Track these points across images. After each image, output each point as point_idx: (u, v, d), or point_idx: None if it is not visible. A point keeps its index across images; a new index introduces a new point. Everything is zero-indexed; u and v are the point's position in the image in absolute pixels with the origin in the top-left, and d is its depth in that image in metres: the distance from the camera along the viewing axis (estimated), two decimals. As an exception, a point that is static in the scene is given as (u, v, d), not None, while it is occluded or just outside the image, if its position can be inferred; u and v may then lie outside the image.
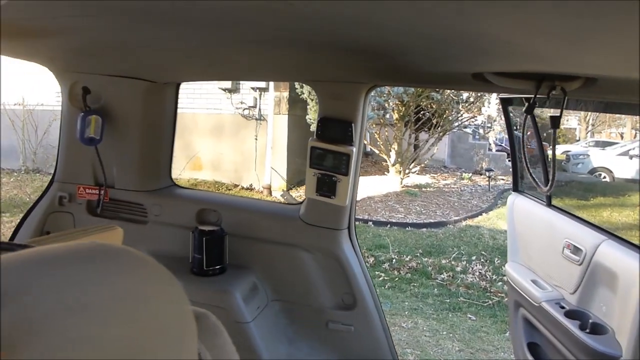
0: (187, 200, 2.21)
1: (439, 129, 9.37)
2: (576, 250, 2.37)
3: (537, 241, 2.75)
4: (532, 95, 1.45)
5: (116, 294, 0.45)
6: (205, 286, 1.98)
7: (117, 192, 2.23)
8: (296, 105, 9.03)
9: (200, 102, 9.88)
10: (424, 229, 7.48)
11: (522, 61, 1.35)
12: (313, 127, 8.65)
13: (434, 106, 8.87)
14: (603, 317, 2.21)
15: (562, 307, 2.38)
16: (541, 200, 2.88)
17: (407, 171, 9.38)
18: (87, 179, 2.24)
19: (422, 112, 9.19)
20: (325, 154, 1.84)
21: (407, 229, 7.44)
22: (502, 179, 11.33)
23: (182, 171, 9.73)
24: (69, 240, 0.71)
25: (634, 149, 14.15)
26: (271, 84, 8.96)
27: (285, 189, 9.04)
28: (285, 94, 8.93)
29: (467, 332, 4.63)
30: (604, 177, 15.28)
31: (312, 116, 8.53)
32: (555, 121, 1.43)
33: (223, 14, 1.05)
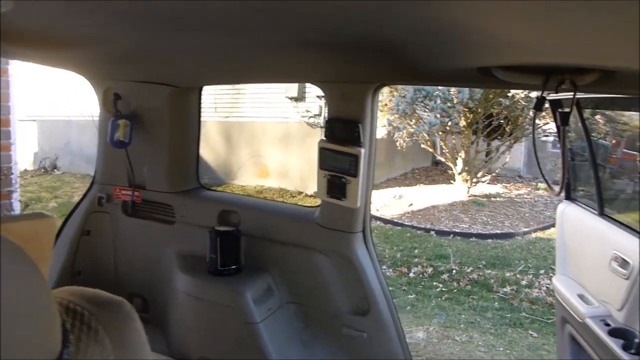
0: (210, 201, 2.27)
1: (512, 138, 8.96)
2: (624, 263, 2.18)
3: (587, 253, 2.56)
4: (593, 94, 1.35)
5: None
6: (219, 285, 2.03)
7: (149, 193, 2.33)
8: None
9: (268, 111, 10.13)
10: (489, 240, 7.15)
11: (528, 54, 1.27)
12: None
13: (504, 112, 8.49)
14: (652, 338, 2.01)
15: (607, 325, 2.20)
16: (594, 209, 2.67)
17: (474, 180, 9.03)
18: (124, 181, 2.36)
19: (493, 119, 8.83)
20: (334, 155, 1.82)
21: (471, 239, 7.16)
22: (582, 190, 10.60)
23: (243, 176, 10.03)
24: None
25: None
26: (336, 92, 9.01)
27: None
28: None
29: (526, 349, 4.36)
30: None
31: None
32: (564, 118, 1.33)
33: (238, 19, 1.09)
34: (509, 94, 7.89)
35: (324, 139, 1.85)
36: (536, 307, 5.20)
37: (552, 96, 2.74)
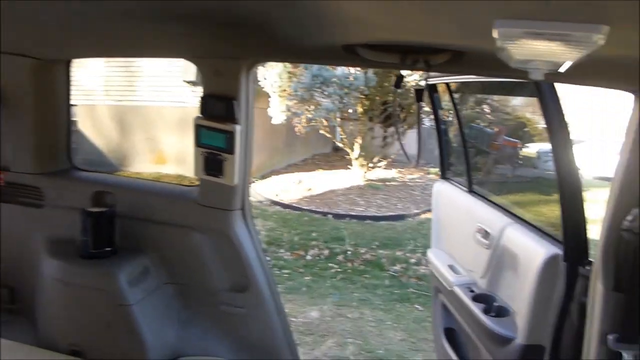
0: (83, 182, 2.16)
1: (405, 124, 9.36)
2: (486, 234, 2.38)
3: (457, 227, 2.76)
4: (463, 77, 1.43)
5: None
6: (90, 269, 1.95)
7: (13, 175, 2.17)
8: (260, 98, 8.93)
9: (165, 95, 9.76)
10: (383, 222, 7.49)
11: (386, 33, 1.33)
12: (274, 121, 8.60)
13: (398, 99, 8.84)
14: (508, 300, 2.22)
15: (472, 291, 2.39)
16: (465, 186, 2.88)
17: (371, 165, 9.37)
18: None
19: (388, 106, 9.16)
20: (209, 132, 1.81)
21: (366, 221, 7.45)
22: (481, 177, 11.38)
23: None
24: None
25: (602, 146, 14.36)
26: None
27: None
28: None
29: (412, 322, 4.64)
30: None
31: (274, 109, 8.48)
32: (419, 95, 1.43)
33: None
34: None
35: (200, 115, 1.83)
36: (422, 282, 5.53)
37: (430, 81, 2.93)
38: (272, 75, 8.30)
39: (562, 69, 1.01)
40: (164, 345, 1.98)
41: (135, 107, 9.94)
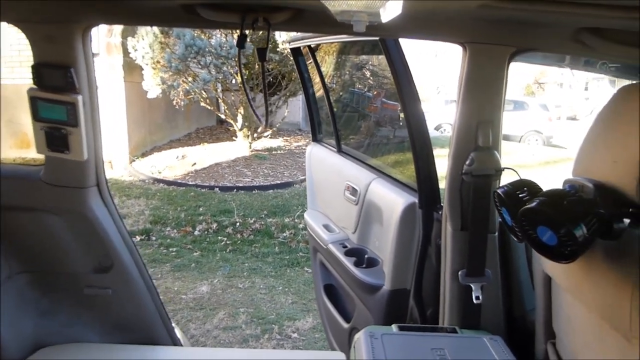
0: None
1: (287, 92, 9.38)
2: (354, 191, 2.47)
3: (329, 187, 2.84)
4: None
5: None
6: None
7: None
8: (133, 71, 8.44)
9: (23, 71, 8.85)
10: (271, 191, 7.53)
11: None
12: (150, 95, 8.18)
13: (278, 68, 8.80)
14: (377, 251, 2.34)
15: (345, 247, 2.48)
16: (334, 147, 2.96)
17: (256, 135, 9.31)
18: None
19: (268, 74, 9.08)
20: (48, 104, 1.66)
21: (253, 192, 7.43)
22: (353, 138, 11.78)
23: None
24: None
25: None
26: (102, 48, 8.25)
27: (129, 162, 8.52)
28: (119, 59, 8.30)
29: (302, 284, 4.76)
30: (447, 132, 16.97)
31: (148, 82, 8.05)
32: (261, 54, 1.42)
33: None
34: (278, 49, 8.20)
35: (34, 87, 1.68)
36: (311, 245, 5.69)
37: (293, 44, 2.93)
38: (142, 47, 7.85)
39: (383, 20, 1.05)
40: (20, 338, 1.83)
41: (-14, 87, 8.93)
